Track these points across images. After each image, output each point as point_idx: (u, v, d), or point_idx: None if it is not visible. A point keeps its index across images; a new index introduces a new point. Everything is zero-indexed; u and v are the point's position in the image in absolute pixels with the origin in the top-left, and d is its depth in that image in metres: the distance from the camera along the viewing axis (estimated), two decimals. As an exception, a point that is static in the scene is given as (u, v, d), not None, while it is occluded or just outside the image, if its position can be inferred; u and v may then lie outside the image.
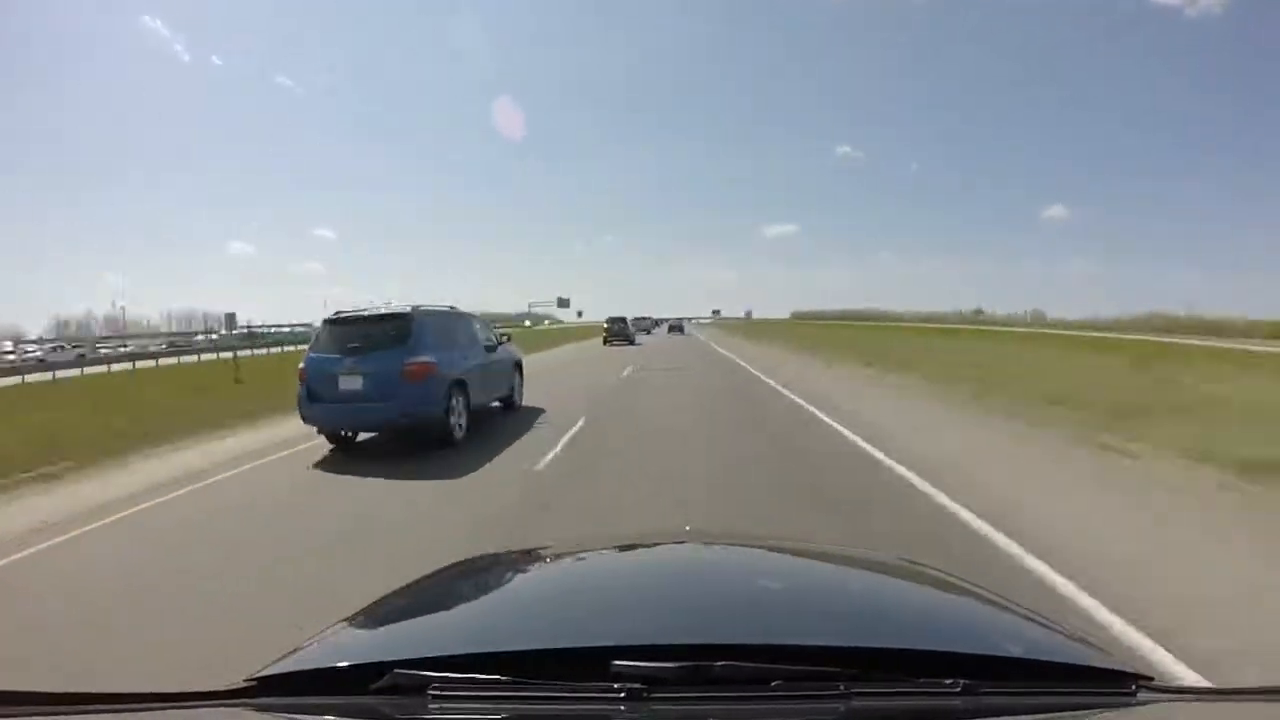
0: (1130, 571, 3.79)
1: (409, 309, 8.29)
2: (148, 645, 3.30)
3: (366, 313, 8.53)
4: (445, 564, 1.58)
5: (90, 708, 0.98)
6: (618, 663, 0.92)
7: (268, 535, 5.13)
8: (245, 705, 0.96)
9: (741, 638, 1.05)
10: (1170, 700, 1.00)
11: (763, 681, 0.91)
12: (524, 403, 11.17)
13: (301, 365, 8.21)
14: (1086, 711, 0.97)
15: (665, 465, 6.88)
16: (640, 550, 1.71)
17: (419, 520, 5.30)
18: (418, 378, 7.76)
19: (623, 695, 0.89)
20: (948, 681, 0.92)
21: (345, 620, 1.24)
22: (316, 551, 4.63)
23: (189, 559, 4.65)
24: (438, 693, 0.91)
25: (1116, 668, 1.04)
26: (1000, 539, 4.38)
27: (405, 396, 7.67)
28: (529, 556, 1.74)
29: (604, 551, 1.69)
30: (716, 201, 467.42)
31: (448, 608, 1.35)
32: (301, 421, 8.20)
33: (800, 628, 1.14)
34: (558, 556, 1.68)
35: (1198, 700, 1.06)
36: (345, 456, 7.96)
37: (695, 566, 1.53)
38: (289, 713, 0.96)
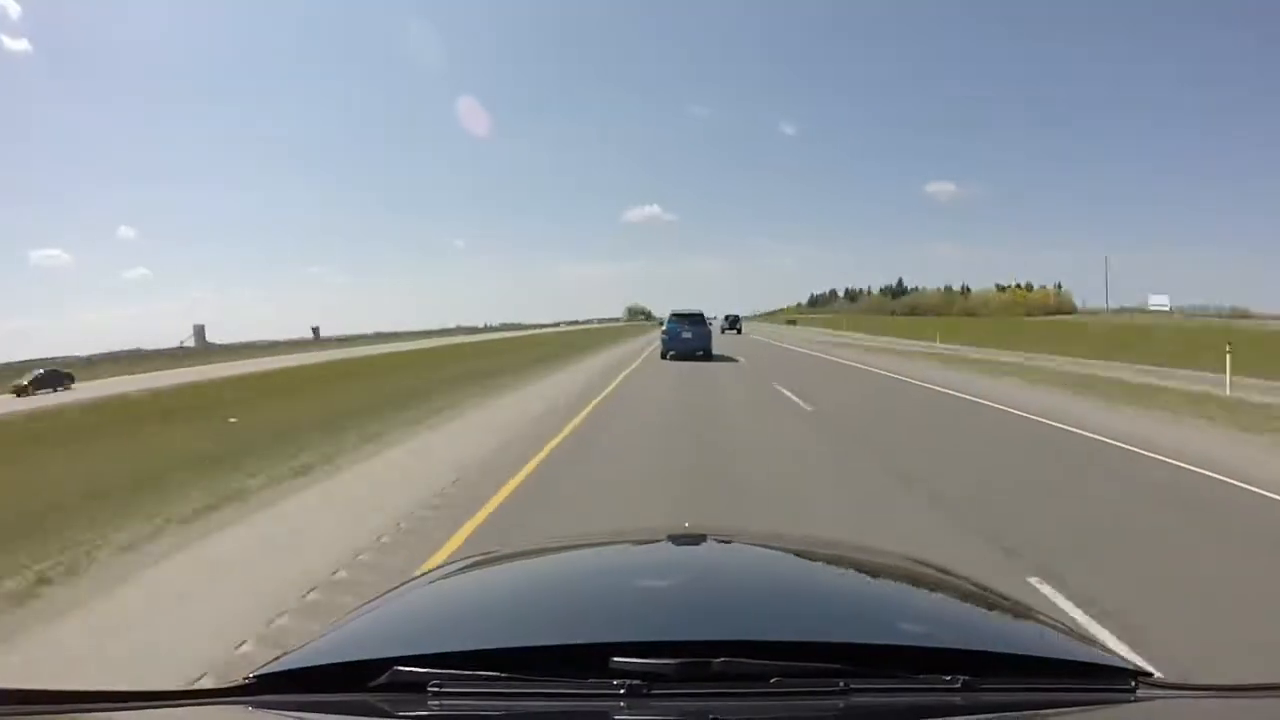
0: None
1: None
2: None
3: None
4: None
5: (90, 706, 0.98)
6: (617, 659, 0.92)
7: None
8: (245, 702, 0.96)
9: (741, 634, 1.05)
10: (1169, 697, 1.00)
11: (762, 678, 0.91)
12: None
13: None
14: (1085, 708, 0.97)
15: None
16: (639, 547, 1.71)
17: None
18: None
19: (622, 692, 0.89)
20: (947, 678, 0.92)
21: (345, 617, 1.24)
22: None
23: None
24: (438, 690, 0.91)
25: (1115, 664, 1.04)
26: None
27: None
28: (528, 553, 1.74)
29: (603, 548, 1.69)
30: (573, 187, 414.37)
31: (447, 605, 1.35)
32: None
33: (800, 624, 1.15)
34: (556, 553, 1.68)
35: (1197, 697, 1.06)
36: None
37: (694, 563, 1.53)
38: (289, 710, 0.96)
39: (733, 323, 59.92)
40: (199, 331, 49.23)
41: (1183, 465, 6.96)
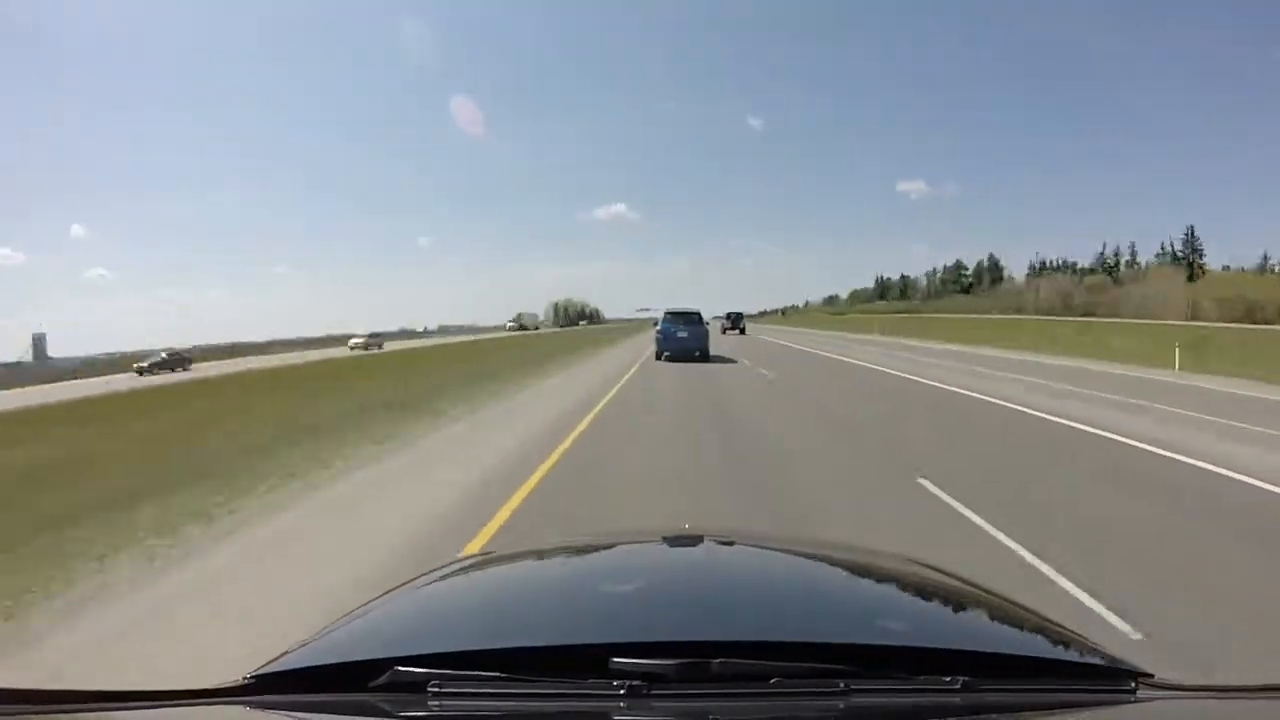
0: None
1: None
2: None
3: None
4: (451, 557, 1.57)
5: (89, 706, 0.98)
6: (617, 660, 0.92)
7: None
8: (244, 702, 0.96)
9: (741, 635, 1.05)
10: (1169, 698, 1.00)
11: (762, 678, 0.91)
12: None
13: None
14: (1086, 709, 0.97)
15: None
16: (639, 547, 1.71)
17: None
18: None
19: (622, 692, 0.89)
20: (947, 679, 0.92)
21: (345, 617, 1.24)
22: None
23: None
24: (437, 690, 0.91)
25: (1116, 665, 1.04)
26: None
27: None
28: (528, 554, 1.74)
29: (603, 549, 1.70)
30: (539, 184, 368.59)
31: (447, 605, 1.35)
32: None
33: (800, 625, 1.14)
34: (557, 554, 1.68)
35: (1197, 698, 1.06)
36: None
37: (694, 564, 1.53)
38: (288, 710, 0.96)
39: (735, 321, 52.29)
40: (38, 343, 41.52)
41: None
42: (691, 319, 23.25)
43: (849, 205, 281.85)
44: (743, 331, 49.97)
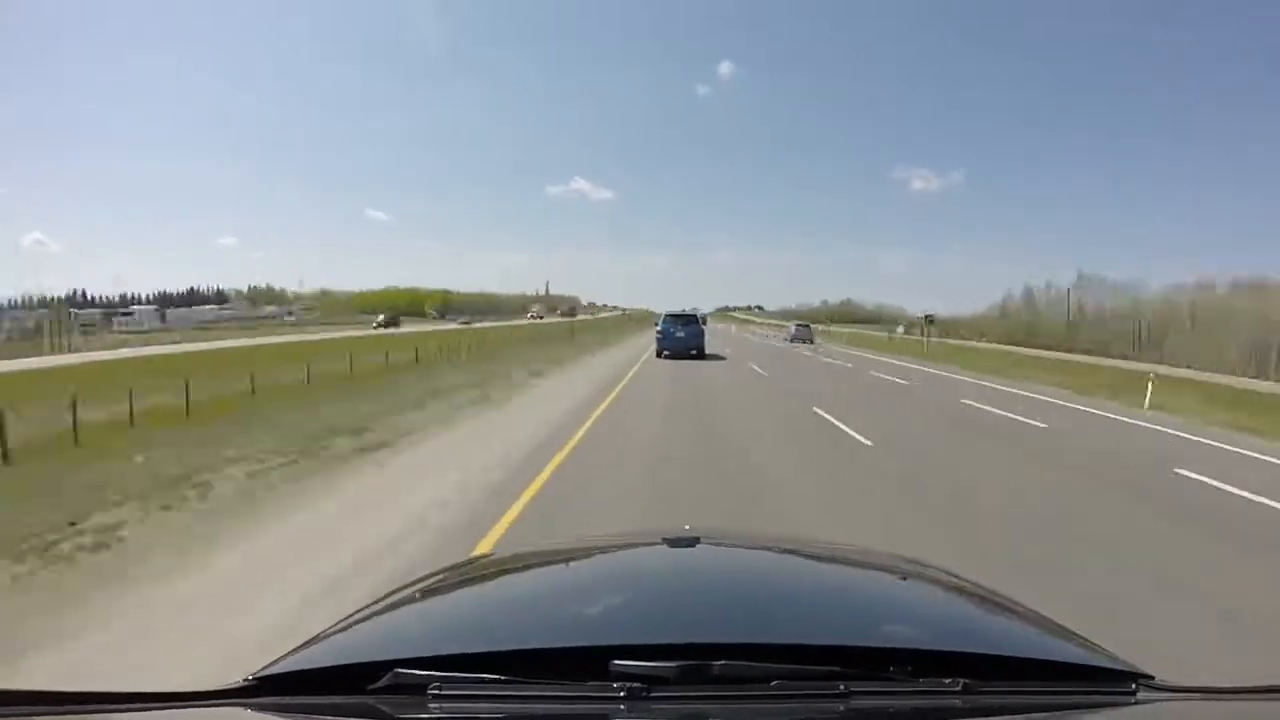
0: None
1: None
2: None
3: None
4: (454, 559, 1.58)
5: (89, 707, 0.98)
6: (617, 662, 0.92)
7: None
8: (244, 704, 0.96)
9: (741, 637, 1.05)
10: (1170, 699, 1.01)
11: (763, 681, 0.91)
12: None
13: None
14: (1086, 711, 0.97)
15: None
16: (640, 549, 1.71)
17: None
18: None
19: (623, 695, 0.89)
20: (948, 681, 0.92)
21: (346, 619, 1.24)
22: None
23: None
24: (438, 692, 0.91)
25: (1117, 667, 1.04)
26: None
27: None
28: (528, 557, 1.74)
29: (602, 551, 1.69)
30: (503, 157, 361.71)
31: (448, 607, 1.35)
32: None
33: (800, 627, 1.14)
34: (557, 556, 1.68)
35: (1198, 699, 1.06)
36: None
37: (695, 565, 1.53)
38: (289, 712, 0.96)
39: (803, 335, 36.39)
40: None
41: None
42: (689, 320, 26.02)
43: (847, 206, 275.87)
44: (810, 339, 35.44)
